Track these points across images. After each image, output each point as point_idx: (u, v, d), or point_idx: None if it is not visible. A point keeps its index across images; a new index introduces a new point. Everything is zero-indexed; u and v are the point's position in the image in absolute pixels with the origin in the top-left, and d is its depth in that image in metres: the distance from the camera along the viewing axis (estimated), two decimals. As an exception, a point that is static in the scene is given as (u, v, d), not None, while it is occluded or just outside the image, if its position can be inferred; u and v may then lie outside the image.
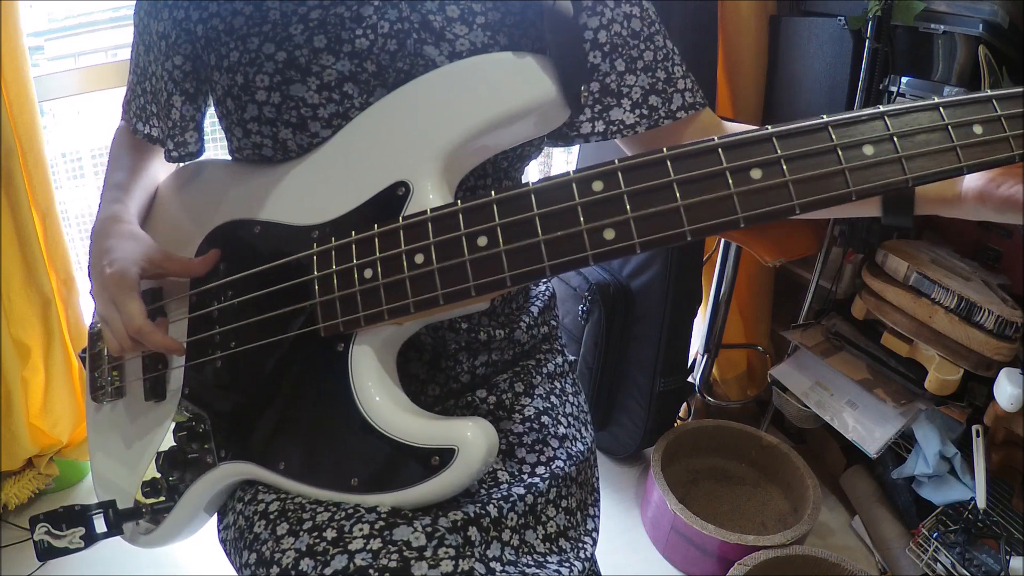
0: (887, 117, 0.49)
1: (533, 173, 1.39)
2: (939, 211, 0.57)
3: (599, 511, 0.73)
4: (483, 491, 0.64)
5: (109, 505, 0.70)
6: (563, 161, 2.06)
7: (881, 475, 1.56)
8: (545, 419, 0.72)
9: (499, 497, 0.63)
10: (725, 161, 0.50)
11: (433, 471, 0.55)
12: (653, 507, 1.55)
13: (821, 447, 1.76)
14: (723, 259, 1.69)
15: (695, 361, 1.83)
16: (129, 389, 0.75)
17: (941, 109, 0.48)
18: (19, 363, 1.50)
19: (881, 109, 0.49)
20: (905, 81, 1.25)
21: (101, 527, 0.70)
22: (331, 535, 0.55)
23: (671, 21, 1.41)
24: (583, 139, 0.67)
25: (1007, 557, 1.23)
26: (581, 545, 0.67)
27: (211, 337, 0.67)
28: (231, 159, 0.73)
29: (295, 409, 0.62)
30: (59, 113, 1.69)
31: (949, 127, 0.48)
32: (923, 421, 1.37)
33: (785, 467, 1.61)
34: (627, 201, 0.51)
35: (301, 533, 0.57)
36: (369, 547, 0.54)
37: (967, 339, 1.21)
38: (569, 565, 0.62)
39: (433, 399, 0.72)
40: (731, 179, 0.50)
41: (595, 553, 0.69)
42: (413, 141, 0.60)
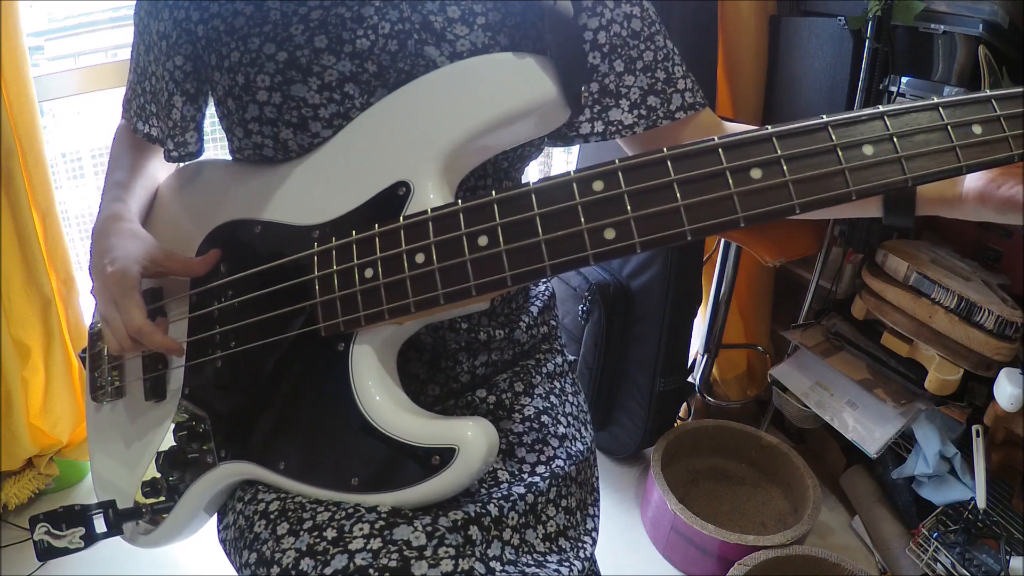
0: (887, 117, 0.49)
1: (533, 173, 1.39)
2: (940, 211, 0.57)
3: (599, 511, 0.73)
4: (483, 491, 0.64)
5: (109, 505, 0.70)
6: (563, 161, 2.06)
7: (881, 475, 1.56)
8: (545, 418, 0.72)
9: (499, 496, 0.63)
10: (725, 161, 0.50)
11: (433, 471, 0.55)
12: (653, 507, 1.55)
13: (821, 447, 1.76)
14: (723, 259, 1.69)
15: (695, 361, 1.83)
16: (129, 389, 0.75)
17: (940, 109, 0.49)
18: (19, 363, 1.50)
19: (881, 109, 0.49)
20: (905, 81, 1.25)
21: (101, 527, 0.70)
22: (331, 535, 0.55)
23: (671, 21, 1.41)
24: (582, 139, 0.67)
25: (1007, 557, 1.23)
26: (581, 545, 0.67)
27: (211, 337, 0.67)
28: (232, 159, 0.73)
29: (295, 409, 0.62)
30: (59, 113, 1.69)
31: (948, 127, 0.48)
32: (923, 421, 1.37)
33: (785, 467, 1.61)
34: (627, 201, 0.51)
35: (301, 533, 0.57)
36: (369, 547, 0.54)
37: (967, 339, 1.21)
38: (569, 564, 0.62)
39: (433, 399, 0.72)
40: (731, 179, 0.50)
41: (595, 553, 0.69)
42: (414, 141, 0.60)
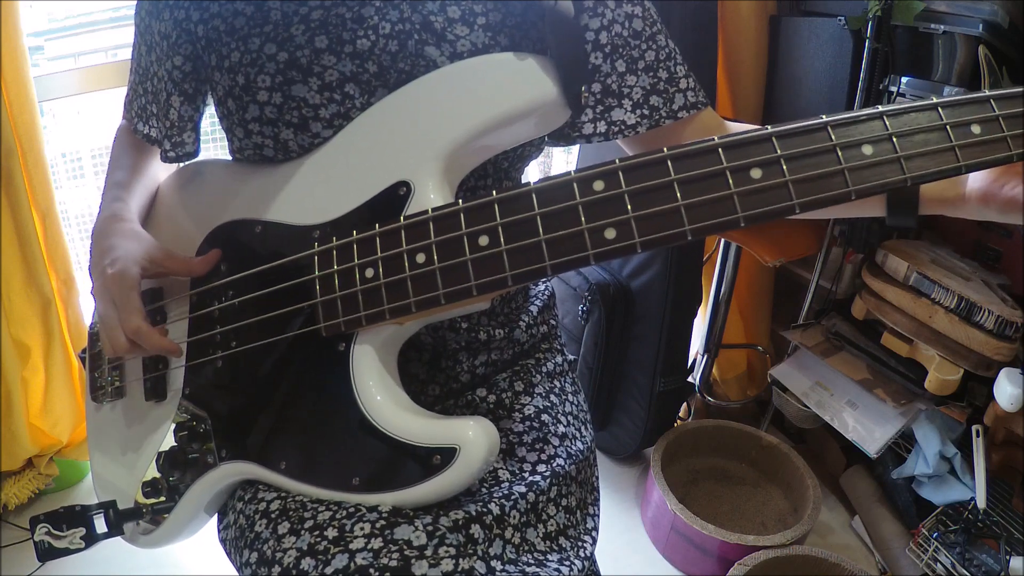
0: (886, 117, 0.49)
1: (533, 173, 1.39)
2: (943, 211, 0.57)
3: (599, 510, 0.73)
4: (484, 490, 0.64)
5: (110, 505, 0.70)
6: (563, 161, 2.06)
7: (881, 475, 1.56)
8: (545, 418, 0.72)
9: (500, 495, 0.63)
10: (725, 161, 0.50)
11: (434, 470, 0.55)
12: (653, 507, 1.55)
13: (821, 447, 1.76)
14: (723, 259, 1.70)
15: (695, 361, 1.83)
16: (129, 389, 0.75)
17: (939, 109, 0.49)
18: (19, 363, 1.50)
19: (880, 109, 0.49)
20: (905, 81, 1.25)
21: (102, 527, 0.70)
22: (332, 534, 0.56)
23: (671, 21, 1.41)
24: (585, 140, 0.67)
25: (1007, 557, 1.23)
26: (581, 544, 0.67)
27: (212, 337, 0.67)
28: (232, 159, 0.73)
29: (296, 409, 0.62)
30: (59, 113, 1.69)
31: (947, 127, 0.48)
32: (923, 421, 1.37)
33: (785, 467, 1.62)
34: (628, 201, 0.51)
35: (302, 532, 0.57)
36: (370, 546, 0.54)
37: (967, 339, 1.21)
38: (569, 564, 0.63)
39: (433, 399, 0.72)
40: (731, 179, 0.50)
41: (595, 552, 0.69)
42: (414, 141, 0.60)
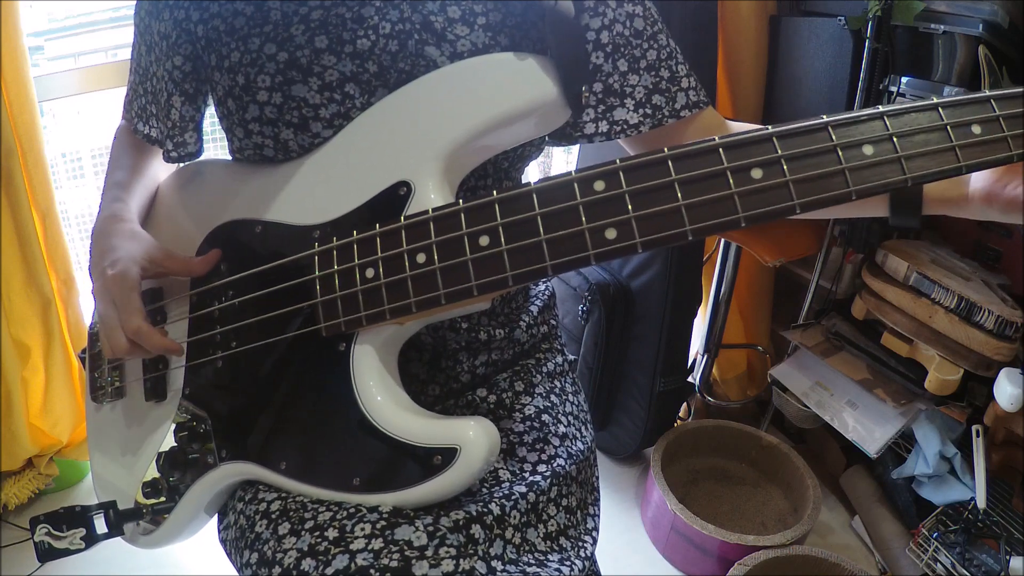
0: (886, 117, 0.49)
1: (533, 173, 1.39)
2: (946, 211, 0.57)
3: (599, 510, 0.73)
4: (484, 490, 0.64)
5: (110, 506, 0.70)
6: (563, 161, 2.06)
7: (881, 475, 1.56)
8: (545, 418, 0.72)
9: (501, 495, 0.63)
10: (726, 161, 0.50)
11: (435, 470, 0.55)
12: (653, 507, 1.55)
13: (821, 447, 1.76)
14: (723, 259, 1.70)
15: (695, 361, 1.83)
16: (129, 389, 0.75)
17: (940, 109, 0.49)
18: (19, 363, 1.50)
19: (880, 109, 0.49)
20: (905, 81, 1.25)
21: (102, 528, 0.70)
22: (333, 535, 0.56)
23: (671, 21, 1.41)
24: (587, 139, 0.67)
25: (1007, 557, 1.23)
26: (581, 544, 0.67)
27: (212, 337, 0.67)
28: (232, 159, 0.73)
29: (296, 409, 0.62)
30: (59, 113, 1.69)
31: (948, 127, 0.48)
32: (923, 421, 1.37)
33: (785, 467, 1.62)
34: (628, 201, 0.51)
35: (303, 532, 0.57)
36: (371, 547, 0.54)
37: (967, 339, 1.21)
38: (570, 564, 0.63)
39: (433, 399, 0.72)
40: (732, 179, 0.50)
41: (595, 552, 0.69)
42: (414, 141, 0.60)
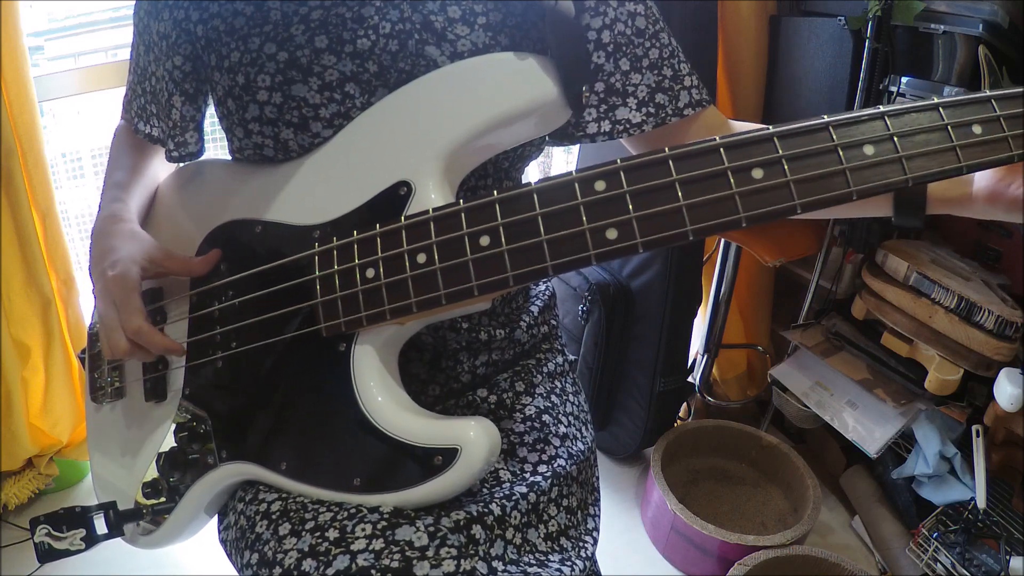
0: (887, 117, 0.49)
1: (533, 173, 1.39)
2: (949, 211, 0.57)
3: (599, 511, 0.73)
4: (485, 490, 0.64)
5: (110, 506, 0.70)
6: (563, 161, 2.06)
7: (881, 475, 1.56)
8: (546, 418, 0.72)
9: (502, 496, 0.63)
10: (727, 161, 0.50)
11: (436, 471, 0.55)
12: (653, 507, 1.55)
13: (821, 447, 1.76)
14: (723, 259, 1.70)
15: (695, 361, 1.83)
16: (129, 390, 0.75)
17: (941, 109, 0.49)
18: (19, 363, 1.50)
19: (881, 109, 0.49)
20: (905, 81, 1.25)
21: (102, 528, 0.70)
22: (333, 535, 0.55)
23: (671, 21, 1.39)
24: (589, 139, 0.67)
25: (1007, 557, 1.23)
26: (582, 544, 0.67)
27: (212, 337, 0.67)
28: (232, 159, 0.73)
29: (297, 409, 0.62)
30: (59, 113, 1.69)
31: (948, 127, 0.48)
32: (923, 421, 1.37)
33: (785, 467, 1.62)
34: (629, 201, 0.51)
35: (303, 533, 0.57)
36: (371, 547, 0.54)
37: (967, 339, 1.21)
38: (571, 564, 0.62)
39: (434, 399, 0.72)
40: (733, 179, 0.50)
41: (595, 552, 0.69)
42: (415, 141, 0.60)
